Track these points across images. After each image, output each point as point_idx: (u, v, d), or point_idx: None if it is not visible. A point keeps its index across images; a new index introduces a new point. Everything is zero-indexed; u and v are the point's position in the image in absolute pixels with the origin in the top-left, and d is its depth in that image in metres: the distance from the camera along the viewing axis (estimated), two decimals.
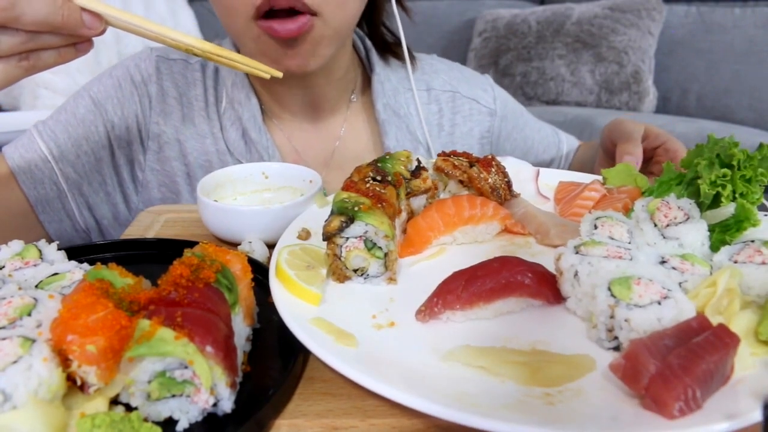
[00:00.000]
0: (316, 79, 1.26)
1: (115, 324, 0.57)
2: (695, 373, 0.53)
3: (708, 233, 0.78)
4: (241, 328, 0.66)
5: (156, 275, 0.66)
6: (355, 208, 0.77)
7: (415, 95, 1.37)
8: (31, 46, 0.77)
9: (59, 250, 0.78)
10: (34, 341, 0.56)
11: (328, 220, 0.77)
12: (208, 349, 0.55)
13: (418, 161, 0.98)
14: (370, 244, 0.77)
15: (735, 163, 0.76)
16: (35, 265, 0.73)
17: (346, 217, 0.76)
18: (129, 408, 0.57)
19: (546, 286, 0.72)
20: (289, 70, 1.11)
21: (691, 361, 0.54)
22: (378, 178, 0.86)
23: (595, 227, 0.79)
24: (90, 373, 0.56)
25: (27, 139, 1.19)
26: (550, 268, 0.75)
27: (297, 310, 0.70)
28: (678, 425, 0.52)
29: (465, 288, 0.70)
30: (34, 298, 0.62)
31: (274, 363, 0.66)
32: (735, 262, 0.71)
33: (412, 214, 0.93)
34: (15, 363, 0.53)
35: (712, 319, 0.61)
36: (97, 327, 0.56)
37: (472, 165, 0.96)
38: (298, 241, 0.86)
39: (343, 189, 0.83)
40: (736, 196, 0.77)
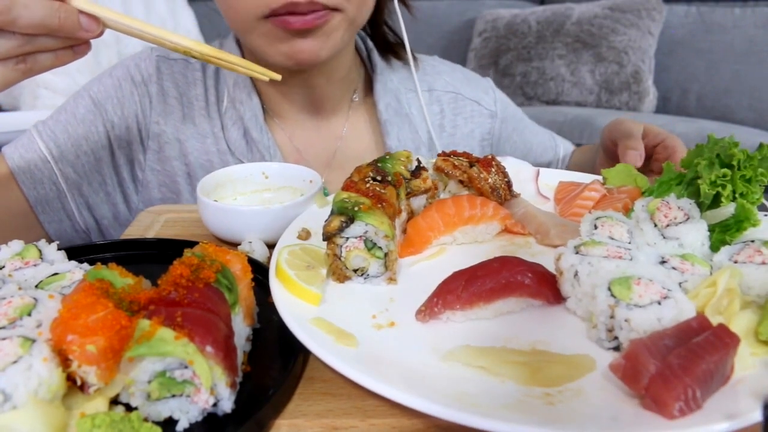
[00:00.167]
0: (317, 79, 1.26)
1: (115, 324, 0.57)
2: (695, 373, 0.53)
3: (708, 233, 0.78)
4: (241, 328, 0.66)
5: (156, 275, 0.66)
6: (355, 208, 0.77)
7: (420, 95, 1.37)
8: (28, 49, 0.77)
9: (59, 250, 0.77)
10: (34, 341, 0.55)
11: (328, 220, 0.77)
12: (208, 349, 0.55)
13: (418, 161, 0.98)
14: (370, 244, 0.77)
15: (735, 163, 0.76)
16: (35, 265, 0.73)
17: (346, 217, 0.76)
18: (129, 408, 0.57)
19: (546, 286, 0.72)
20: (300, 60, 1.10)
21: (691, 361, 0.54)
22: (378, 178, 0.86)
23: (595, 227, 0.79)
24: (90, 373, 0.56)
25: (27, 140, 1.19)
26: (550, 268, 0.75)
27: (297, 310, 0.70)
28: (678, 425, 0.52)
29: (465, 288, 0.70)
30: (34, 298, 0.62)
31: (274, 363, 0.66)
32: (735, 262, 0.71)
33: (412, 214, 0.93)
34: (15, 363, 0.53)
35: (712, 319, 0.61)
36: (97, 327, 0.56)
37: (472, 165, 0.96)
38: (298, 241, 0.86)
39: (343, 189, 0.83)
40: (736, 196, 0.77)
